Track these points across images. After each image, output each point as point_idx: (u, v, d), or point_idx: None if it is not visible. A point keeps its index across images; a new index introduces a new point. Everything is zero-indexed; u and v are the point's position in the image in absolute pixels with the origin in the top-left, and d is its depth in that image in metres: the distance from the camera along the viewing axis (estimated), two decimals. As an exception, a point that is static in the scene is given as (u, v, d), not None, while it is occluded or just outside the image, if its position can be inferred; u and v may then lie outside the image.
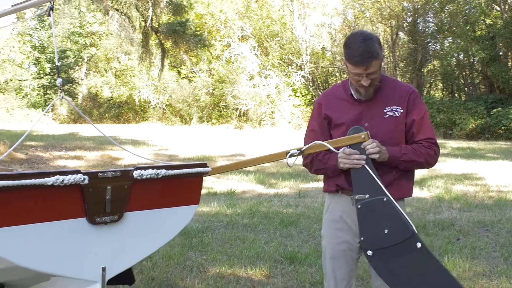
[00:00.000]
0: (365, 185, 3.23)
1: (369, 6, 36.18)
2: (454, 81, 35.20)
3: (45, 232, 2.70)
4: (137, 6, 23.03)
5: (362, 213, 3.26)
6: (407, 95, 3.39)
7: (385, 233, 3.17)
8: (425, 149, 3.35)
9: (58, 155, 17.77)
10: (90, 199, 2.82)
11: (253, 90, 36.52)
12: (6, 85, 48.89)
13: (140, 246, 3.16)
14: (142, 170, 3.01)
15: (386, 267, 3.21)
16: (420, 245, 3.11)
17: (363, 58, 3.18)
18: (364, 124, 3.34)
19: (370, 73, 3.22)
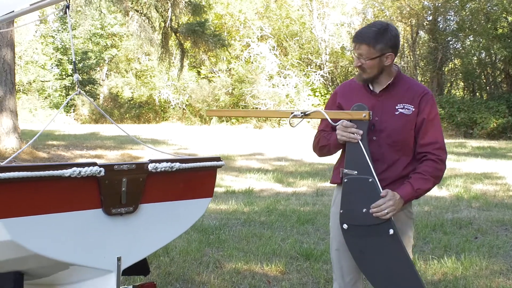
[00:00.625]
0: (356, 162, 3.29)
1: (389, 4, 35.99)
2: (475, 80, 34.85)
3: (63, 222, 2.79)
4: (157, 6, 23.16)
5: (346, 187, 3.33)
6: (421, 95, 3.40)
7: (363, 212, 3.24)
8: (431, 167, 3.34)
9: (79, 154, 17.98)
10: (106, 191, 2.89)
11: (272, 90, 36.56)
12: (29, 86, 49.51)
13: (155, 237, 3.23)
14: (157, 163, 3.09)
15: (357, 243, 3.32)
16: (392, 231, 3.19)
17: (354, 37, 3.36)
18: (374, 118, 3.37)
19: (359, 55, 3.33)
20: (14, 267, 3.05)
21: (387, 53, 3.31)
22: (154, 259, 6.03)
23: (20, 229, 2.65)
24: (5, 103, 16.12)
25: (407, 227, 3.45)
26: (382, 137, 3.37)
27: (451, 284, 5.28)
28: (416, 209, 9.21)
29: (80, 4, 25.92)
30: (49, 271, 3.16)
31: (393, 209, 3.21)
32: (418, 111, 3.36)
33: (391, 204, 3.21)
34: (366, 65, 3.32)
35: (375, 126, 3.37)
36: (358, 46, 3.30)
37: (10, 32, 16.22)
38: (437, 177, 3.35)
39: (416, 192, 3.29)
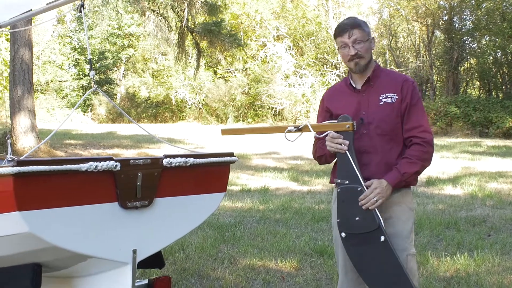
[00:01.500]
0: (346, 172, 3.39)
1: (405, 4, 35.87)
2: (491, 79, 34.69)
3: (80, 215, 2.85)
4: (173, 6, 23.28)
5: (340, 197, 3.44)
6: (401, 82, 3.50)
7: (356, 220, 3.35)
8: (417, 150, 3.41)
9: (97, 153, 18.15)
10: (121, 185, 2.96)
11: (288, 89, 36.56)
12: (47, 86, 49.89)
13: (169, 231, 3.29)
14: (171, 158, 3.15)
15: (355, 251, 3.42)
16: (383, 238, 3.27)
17: (345, 26, 3.46)
18: (361, 113, 3.48)
19: (354, 41, 3.43)
20: (33, 259, 3.11)
21: (370, 36, 3.49)
22: (170, 255, 6.11)
23: (38, 222, 2.71)
24: (23, 103, 16.30)
25: (408, 217, 3.50)
26: (372, 129, 3.45)
27: (463, 281, 5.30)
28: (430, 207, 9.24)
29: (97, 5, 26.13)
30: (67, 263, 3.23)
31: (381, 196, 3.30)
32: (401, 98, 3.45)
33: (378, 191, 3.30)
34: (363, 49, 3.44)
35: (364, 120, 3.46)
36: (351, 33, 3.42)
37: (28, 32, 16.40)
38: (424, 159, 3.41)
39: (403, 176, 3.35)
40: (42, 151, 16.30)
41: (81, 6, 3.69)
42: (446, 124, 29.30)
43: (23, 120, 16.27)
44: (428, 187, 11.46)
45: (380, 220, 3.29)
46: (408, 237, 3.44)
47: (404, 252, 3.38)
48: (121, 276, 3.08)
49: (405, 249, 3.40)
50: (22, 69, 16.38)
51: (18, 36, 16.27)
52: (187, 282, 5.29)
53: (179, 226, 3.37)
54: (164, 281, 3.52)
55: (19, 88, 16.30)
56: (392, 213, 3.43)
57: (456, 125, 28.98)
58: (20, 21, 4.98)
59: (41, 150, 16.36)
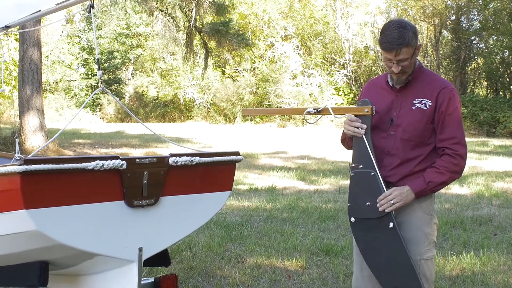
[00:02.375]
0: (361, 156, 3.38)
1: (412, 4, 35.82)
2: (498, 79, 34.61)
3: (86, 213, 2.88)
4: (181, 6, 23.34)
5: (353, 180, 3.44)
6: (439, 89, 3.36)
7: (367, 205, 3.34)
8: (447, 161, 3.32)
9: (105, 153, 18.21)
10: (128, 183, 2.99)
11: (296, 89, 36.55)
12: (55, 85, 50.04)
13: (175, 229, 3.32)
14: (177, 157, 3.18)
15: (363, 236, 3.43)
16: (392, 225, 3.27)
17: (393, 44, 3.22)
18: (393, 113, 3.42)
19: (400, 60, 3.26)
20: (40, 257, 3.15)
21: (417, 45, 3.32)
22: (177, 253, 6.14)
23: (45, 220, 2.75)
24: (32, 102, 16.40)
25: (423, 223, 3.40)
26: (399, 132, 3.39)
27: (468, 279, 5.32)
28: (437, 206, 9.21)
29: (106, 4, 26.24)
30: (73, 261, 3.26)
31: (399, 200, 3.27)
32: (435, 106, 3.34)
33: (397, 194, 3.27)
34: (408, 67, 3.32)
35: (393, 121, 3.41)
36: (399, 52, 3.22)
37: (37, 32, 16.48)
38: (453, 171, 3.32)
39: (428, 185, 3.29)
40: (50, 150, 16.39)
41: (90, 6, 3.71)
42: (454, 123, 29.13)
43: (31, 120, 16.36)
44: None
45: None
46: (422, 242, 3.37)
47: (418, 256, 3.33)
48: (127, 274, 3.10)
49: (419, 254, 3.35)
50: (31, 68, 16.47)
51: (27, 36, 16.36)
52: (194, 280, 5.32)
53: (185, 225, 3.39)
54: (170, 279, 3.55)
55: (28, 88, 16.39)
56: (405, 218, 3.38)
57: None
58: (30, 21, 5.02)
59: (50, 149, 16.45)
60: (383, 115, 3.44)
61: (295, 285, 5.24)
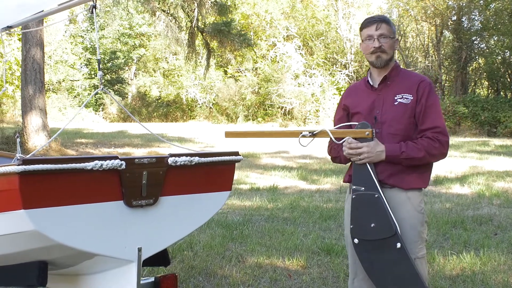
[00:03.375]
0: (363, 178, 3.39)
1: (414, 4, 35.94)
2: (499, 79, 34.82)
3: (85, 213, 2.88)
4: (183, 7, 23.34)
5: (355, 203, 3.43)
6: (417, 83, 3.46)
7: (371, 227, 3.34)
8: (427, 142, 3.36)
9: (107, 152, 18.26)
10: (127, 184, 2.98)
11: (298, 89, 36.63)
12: (58, 85, 50.18)
13: (174, 229, 3.31)
14: (176, 157, 3.17)
15: (367, 257, 3.41)
16: (399, 245, 3.26)
17: (374, 18, 3.50)
18: (376, 111, 3.48)
19: (380, 35, 3.44)
20: (39, 257, 3.15)
21: (395, 34, 3.49)
22: (178, 253, 6.15)
23: (44, 220, 2.74)
24: (35, 102, 16.44)
25: (415, 221, 3.44)
26: (384, 128, 3.44)
27: (469, 279, 5.32)
28: (437, 206, 9.25)
29: (109, 5, 26.26)
30: (73, 261, 3.26)
31: (368, 156, 3.36)
32: (416, 99, 3.42)
33: (369, 151, 3.36)
34: (387, 44, 3.46)
35: (377, 119, 3.46)
36: (379, 26, 3.44)
37: (39, 32, 16.52)
38: (431, 154, 3.37)
39: (401, 154, 3.34)
40: (53, 150, 16.43)
41: (93, 7, 3.70)
42: (455, 123, 29.34)
43: (34, 119, 16.40)
44: (435, 186, 11.45)
45: (397, 226, 3.28)
46: (416, 241, 3.41)
47: (412, 255, 3.36)
48: (127, 274, 3.10)
49: (413, 253, 3.37)
50: (34, 68, 16.51)
51: (29, 36, 16.40)
52: (195, 280, 5.33)
53: (184, 225, 3.39)
54: (170, 279, 3.53)
55: (30, 88, 16.43)
56: (397, 217, 3.37)
57: (465, 124, 29.05)
58: (32, 21, 5.03)
59: (53, 148, 16.49)
60: (367, 115, 3.49)
61: (296, 285, 5.24)
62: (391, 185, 3.41)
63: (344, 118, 3.70)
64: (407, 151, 3.34)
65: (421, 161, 3.39)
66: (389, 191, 3.41)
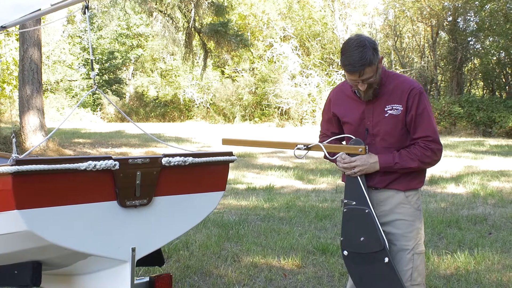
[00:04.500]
0: (354, 193, 3.44)
1: (410, 5, 36.07)
2: (494, 79, 34.92)
3: (78, 214, 2.87)
4: (180, 7, 23.37)
5: (346, 216, 3.48)
6: (407, 92, 3.38)
7: (361, 241, 3.38)
8: (420, 151, 3.36)
9: (105, 152, 18.24)
10: (120, 184, 2.97)
11: (294, 89, 36.71)
12: (56, 85, 50.18)
13: (168, 229, 3.31)
14: (170, 157, 3.16)
15: (356, 269, 3.46)
16: (387, 260, 3.30)
17: (355, 67, 3.22)
18: (366, 122, 3.46)
19: (365, 79, 3.28)
20: (32, 257, 3.15)
21: (379, 59, 3.33)
22: (174, 253, 6.16)
23: (37, 220, 2.74)
24: (32, 102, 16.46)
25: (413, 218, 3.47)
26: (377, 141, 3.45)
27: (463, 278, 5.34)
28: (432, 205, 9.28)
29: (106, 5, 26.27)
30: (66, 261, 3.26)
31: (362, 169, 3.39)
32: (406, 109, 3.38)
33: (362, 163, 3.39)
34: (374, 82, 3.33)
35: (369, 130, 3.46)
36: (363, 72, 3.22)
37: (37, 32, 16.54)
38: (424, 162, 3.37)
39: (395, 165, 3.36)
40: (51, 150, 16.44)
41: (86, 7, 3.67)
42: (450, 123, 29.48)
43: (32, 119, 16.42)
44: (431, 186, 11.48)
45: (385, 241, 3.31)
46: (415, 238, 3.45)
47: (411, 251, 3.40)
48: (121, 274, 3.10)
49: (412, 249, 3.42)
50: (31, 68, 16.53)
51: (27, 36, 16.43)
52: (190, 279, 5.34)
53: (178, 225, 3.38)
54: (165, 279, 3.53)
55: (28, 88, 16.45)
56: (398, 216, 3.44)
57: (460, 124, 29.18)
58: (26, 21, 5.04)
59: (50, 148, 16.50)
60: (357, 126, 3.49)
61: (291, 284, 5.26)
62: (390, 189, 3.46)
63: (333, 120, 3.70)
64: (401, 162, 3.36)
65: (415, 170, 3.42)
66: (388, 192, 3.46)
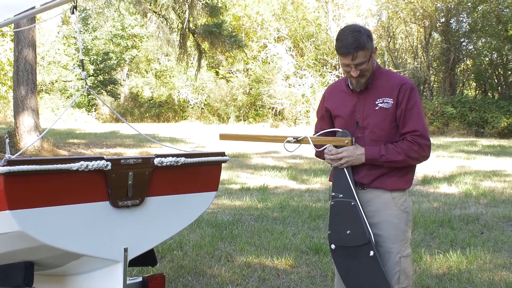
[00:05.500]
0: (342, 186, 3.45)
1: (403, 6, 36.22)
2: (486, 80, 35.18)
3: (71, 214, 2.87)
4: (174, 8, 23.38)
5: (333, 209, 3.49)
6: (398, 86, 3.41)
7: (347, 234, 3.39)
8: (407, 145, 3.36)
9: (99, 152, 18.23)
10: (113, 184, 2.98)
11: (288, 90, 36.81)
12: (51, 86, 50.08)
13: (160, 229, 3.32)
14: (163, 157, 3.17)
15: (343, 263, 3.47)
16: (372, 253, 3.31)
17: (349, 49, 3.28)
18: (357, 116, 3.48)
19: (358, 64, 3.31)
20: (24, 257, 3.16)
21: (373, 48, 3.39)
22: (168, 253, 6.17)
23: (29, 221, 2.74)
24: (27, 102, 16.44)
25: (400, 220, 3.45)
26: (366, 134, 3.45)
27: (455, 277, 5.37)
28: (425, 205, 9.31)
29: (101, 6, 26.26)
30: (59, 261, 3.26)
31: (348, 161, 3.41)
32: (396, 103, 3.40)
33: (348, 155, 3.41)
34: (365, 69, 3.36)
35: (359, 123, 3.47)
36: (355, 56, 3.28)
37: (32, 33, 16.54)
38: (410, 156, 3.36)
39: (380, 158, 3.36)
40: (45, 150, 16.43)
41: (74, 7, 3.67)
42: (443, 124, 29.64)
43: (26, 120, 16.41)
44: (423, 186, 11.53)
45: (371, 234, 3.31)
46: (401, 240, 3.43)
47: (398, 254, 3.39)
48: (113, 274, 3.11)
49: (399, 252, 3.40)
50: (26, 69, 16.52)
51: (22, 37, 16.42)
52: (184, 279, 5.35)
53: (170, 225, 3.39)
54: (158, 279, 3.53)
55: (22, 88, 16.44)
56: (384, 217, 3.43)
57: (453, 124, 29.35)
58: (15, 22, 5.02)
59: (45, 149, 16.49)
60: (348, 119, 3.51)
61: (284, 284, 5.27)
62: (375, 187, 3.44)
63: (326, 118, 3.72)
64: (386, 155, 3.35)
65: (401, 164, 3.40)
66: (374, 191, 3.45)
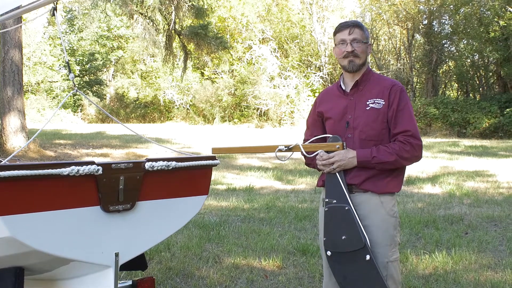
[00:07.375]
0: (335, 191, 3.44)
1: (386, 8, 36.50)
2: (468, 81, 35.61)
3: (62, 219, 2.85)
4: (161, 10, 23.33)
5: (327, 215, 3.48)
6: (389, 87, 3.47)
7: (343, 239, 3.38)
8: (399, 145, 3.38)
9: (86, 153, 18.16)
10: (104, 189, 2.96)
11: (273, 91, 36.93)
12: (37, 86, 49.80)
13: (151, 234, 3.31)
14: (153, 161, 3.14)
15: (340, 269, 3.44)
16: (368, 257, 3.31)
17: (347, 23, 3.53)
18: (348, 116, 3.50)
19: (353, 40, 3.46)
20: (15, 263, 3.12)
21: (369, 43, 3.52)
22: (156, 254, 6.17)
23: (20, 226, 2.72)
24: (13, 103, 16.39)
25: (388, 225, 3.46)
26: (356, 134, 3.47)
27: (441, 278, 5.42)
28: (410, 205, 9.38)
29: (87, 7, 26.16)
30: (49, 266, 3.24)
31: (340, 165, 3.42)
32: (388, 104, 3.44)
33: (340, 159, 3.41)
34: (360, 49, 3.47)
35: (349, 124, 3.49)
36: (352, 31, 3.46)
37: (18, 34, 16.48)
38: (402, 157, 3.38)
39: (372, 159, 3.38)
40: (31, 151, 16.36)
41: (53, 9, 3.63)
42: (426, 124, 29.83)
43: (13, 120, 16.36)
44: (408, 186, 11.60)
45: (366, 239, 3.31)
46: (389, 245, 3.43)
47: (385, 259, 3.39)
48: (104, 279, 3.09)
49: (386, 257, 3.40)
50: (12, 70, 16.47)
51: (8, 38, 16.37)
52: (172, 281, 5.36)
53: (161, 229, 3.38)
54: (147, 282, 3.52)
55: (9, 89, 16.40)
56: (371, 221, 3.42)
57: (435, 125, 29.56)
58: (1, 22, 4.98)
59: (31, 150, 16.42)
60: (339, 120, 3.53)
61: (272, 285, 5.30)
62: (364, 190, 3.44)
63: (317, 123, 3.74)
64: (378, 156, 3.36)
65: (393, 165, 3.42)
66: (363, 195, 3.45)
